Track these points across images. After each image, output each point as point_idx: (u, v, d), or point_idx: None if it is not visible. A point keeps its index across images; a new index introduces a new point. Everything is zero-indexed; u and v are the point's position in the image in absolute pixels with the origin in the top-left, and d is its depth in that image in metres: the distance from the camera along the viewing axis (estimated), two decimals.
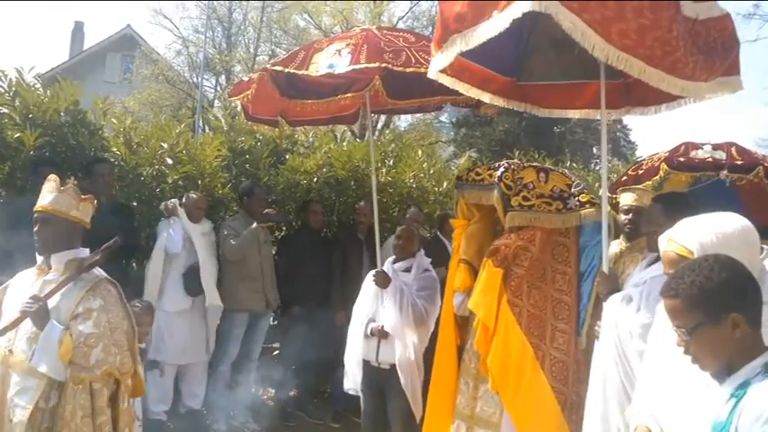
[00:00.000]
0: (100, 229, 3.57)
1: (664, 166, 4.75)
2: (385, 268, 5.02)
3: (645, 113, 4.22)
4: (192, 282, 5.84)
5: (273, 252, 6.69)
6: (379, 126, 21.68)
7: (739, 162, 4.62)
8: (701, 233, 2.41)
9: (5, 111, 5.74)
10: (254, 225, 6.00)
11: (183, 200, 6.02)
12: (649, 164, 4.96)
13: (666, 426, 2.36)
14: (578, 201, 4.02)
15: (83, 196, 3.37)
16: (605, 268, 3.75)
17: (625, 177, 5.15)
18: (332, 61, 4.50)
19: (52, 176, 3.39)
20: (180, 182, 6.41)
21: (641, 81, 3.86)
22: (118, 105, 10.72)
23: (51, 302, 3.18)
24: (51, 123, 5.86)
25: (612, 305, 3.48)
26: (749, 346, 1.91)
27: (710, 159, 4.66)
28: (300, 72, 4.56)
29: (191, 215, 5.96)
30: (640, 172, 4.97)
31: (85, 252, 3.36)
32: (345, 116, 5.78)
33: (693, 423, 2.01)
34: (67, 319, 3.17)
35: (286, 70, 4.62)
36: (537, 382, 3.81)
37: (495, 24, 3.04)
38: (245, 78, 5.24)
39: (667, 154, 4.92)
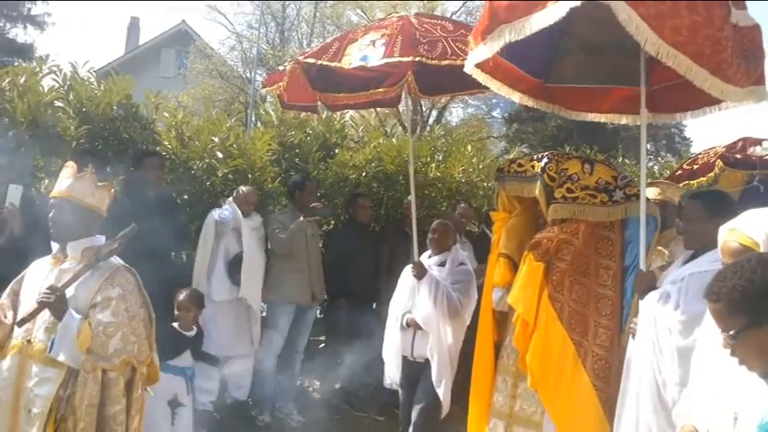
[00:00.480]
0: (150, 221, 3.59)
1: (719, 162, 4.63)
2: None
3: (668, 120, 4.26)
4: (235, 270, 5.88)
5: (321, 245, 6.70)
6: (430, 121, 21.64)
7: None
8: (765, 224, 2.35)
9: (60, 104, 5.84)
10: (301, 219, 6.01)
11: (234, 194, 6.06)
12: (705, 159, 4.84)
13: (713, 426, 2.28)
14: (624, 193, 3.91)
15: (99, 183, 3.35)
16: (642, 266, 3.66)
17: (680, 172, 5.03)
18: (365, 53, 4.45)
19: (69, 163, 3.38)
20: (230, 176, 6.47)
21: (667, 89, 3.90)
22: (171, 100, 10.89)
23: (69, 291, 3.16)
24: (104, 117, 5.96)
25: (650, 302, 3.39)
26: None
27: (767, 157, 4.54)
28: (333, 64, 4.53)
29: (242, 209, 5.99)
30: (695, 167, 4.86)
31: (102, 240, 3.35)
32: (386, 99, 5.57)
33: (741, 422, 1.98)
34: (86, 308, 3.16)
35: (318, 62, 4.60)
36: (578, 380, 3.72)
37: (550, 14, 3.02)
38: (280, 68, 5.24)
39: (724, 149, 4.78)
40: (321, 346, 7.09)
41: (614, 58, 4.08)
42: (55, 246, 3.36)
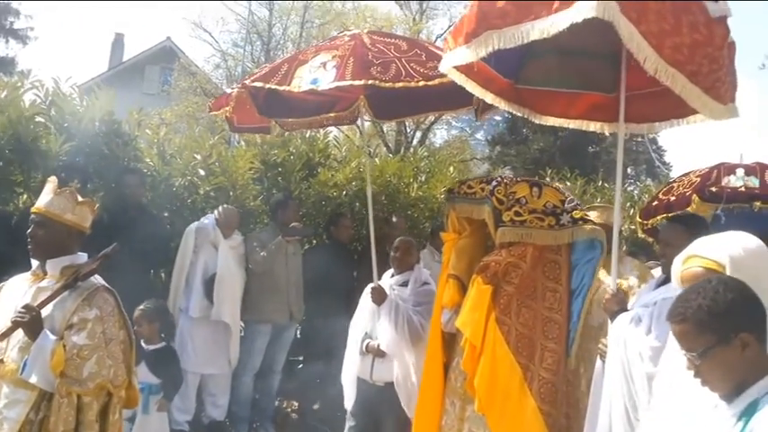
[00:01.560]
0: (129, 239, 3.55)
1: (696, 198, 4.61)
2: (383, 282, 4.90)
3: (635, 131, 4.17)
4: (211, 288, 5.86)
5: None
6: (414, 142, 21.73)
7: None
8: (729, 247, 2.38)
9: (41, 120, 5.81)
10: (279, 238, 6.00)
11: (216, 214, 6.03)
12: (680, 190, 4.81)
13: None
14: (571, 217, 3.89)
15: (80, 200, 3.28)
16: (613, 286, 3.66)
17: (656, 203, 4.99)
18: (316, 75, 4.31)
19: (51, 178, 3.33)
20: (212, 193, 6.45)
21: (640, 98, 3.82)
22: (155, 117, 10.86)
23: (45, 311, 3.08)
24: (86, 133, 5.93)
25: (621, 324, 3.39)
26: (759, 366, 1.90)
27: (743, 189, 4.55)
28: (282, 88, 4.36)
29: (222, 232, 5.97)
30: (672, 198, 4.82)
31: (83, 258, 3.28)
32: (343, 118, 5.33)
33: None
34: (61, 329, 3.08)
35: (266, 86, 4.44)
36: (525, 404, 3.68)
37: (548, 27, 2.93)
38: (227, 91, 5.05)
39: (699, 180, 4.77)
40: (300, 366, 7.05)
41: (586, 62, 4.03)
42: (34, 262, 3.29)
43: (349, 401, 4.89)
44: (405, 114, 4.95)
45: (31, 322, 3.03)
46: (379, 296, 4.71)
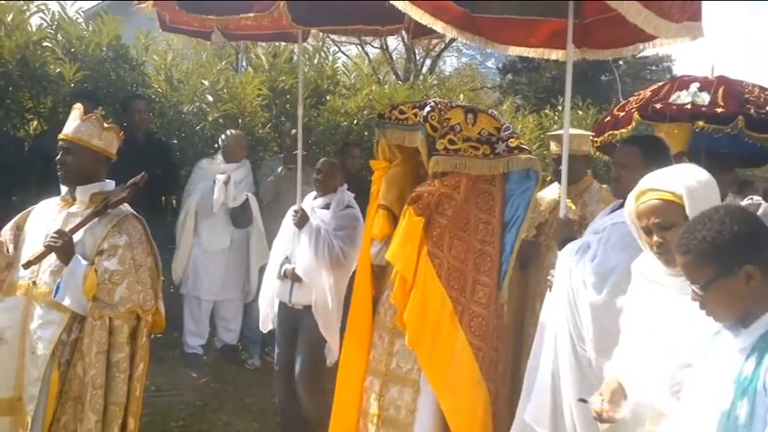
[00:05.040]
0: (137, 165, 3.54)
1: (636, 115, 4.35)
2: (305, 204, 4.73)
3: (599, 56, 3.98)
4: (241, 215, 5.88)
5: None
6: (424, 70, 21.46)
7: (720, 110, 4.18)
8: (683, 178, 2.38)
9: (48, 45, 5.76)
10: (279, 169, 5.98)
11: (221, 141, 6.01)
12: (633, 105, 4.51)
13: (649, 385, 2.32)
14: (506, 146, 3.70)
15: (106, 125, 3.31)
16: (562, 213, 3.58)
17: (608, 119, 4.74)
18: None
19: (77, 105, 3.34)
20: (220, 120, 6.42)
21: (599, 23, 3.66)
22: (162, 43, 10.69)
23: (76, 237, 3.15)
24: (93, 58, 5.89)
25: (567, 253, 3.29)
26: (765, 297, 1.88)
27: (689, 106, 4.24)
28: None
29: (230, 155, 5.96)
30: (621, 114, 4.55)
31: (111, 185, 3.32)
32: (289, 33, 5.09)
33: (707, 374, 1.99)
34: (92, 255, 3.15)
35: None
36: (455, 338, 3.57)
37: None
38: None
39: (648, 95, 4.47)
40: None
41: None
42: (63, 188, 3.34)
43: (264, 324, 4.84)
44: (325, 23, 4.69)
45: (63, 247, 3.10)
46: (301, 220, 4.54)
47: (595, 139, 4.74)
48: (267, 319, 4.79)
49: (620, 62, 20.60)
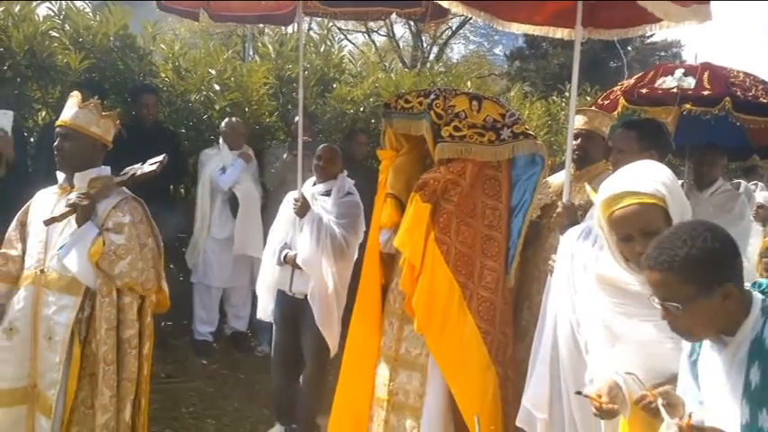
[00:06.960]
0: (145, 154, 3.57)
1: (622, 100, 4.35)
2: (304, 190, 4.67)
3: (605, 36, 3.95)
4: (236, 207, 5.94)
5: None
6: (431, 57, 21.40)
7: (707, 93, 4.19)
8: (658, 178, 2.28)
9: (55, 35, 5.78)
10: (285, 155, 5.99)
11: (222, 129, 6.04)
12: (617, 92, 4.53)
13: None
14: (512, 132, 3.72)
15: (104, 113, 3.35)
16: (565, 199, 3.58)
17: (605, 102, 4.75)
18: None
19: (74, 92, 3.37)
20: (227, 108, 6.43)
21: (607, 3, 3.61)
22: (168, 32, 10.71)
23: None
24: (101, 48, 5.90)
25: (569, 238, 3.24)
26: (739, 312, 1.85)
27: (676, 90, 4.26)
28: None
29: (231, 141, 5.99)
30: (606, 103, 4.56)
31: (107, 171, 3.37)
32: (278, 15, 5.16)
33: (707, 391, 1.95)
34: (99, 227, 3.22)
35: None
36: (463, 322, 3.62)
37: None
38: None
39: (634, 81, 4.47)
40: None
41: None
42: (61, 176, 3.37)
43: (263, 312, 4.79)
44: (348, 4, 4.70)
45: (87, 207, 3.17)
46: (303, 208, 4.48)
47: None
48: (267, 308, 4.75)
49: (629, 48, 20.49)
